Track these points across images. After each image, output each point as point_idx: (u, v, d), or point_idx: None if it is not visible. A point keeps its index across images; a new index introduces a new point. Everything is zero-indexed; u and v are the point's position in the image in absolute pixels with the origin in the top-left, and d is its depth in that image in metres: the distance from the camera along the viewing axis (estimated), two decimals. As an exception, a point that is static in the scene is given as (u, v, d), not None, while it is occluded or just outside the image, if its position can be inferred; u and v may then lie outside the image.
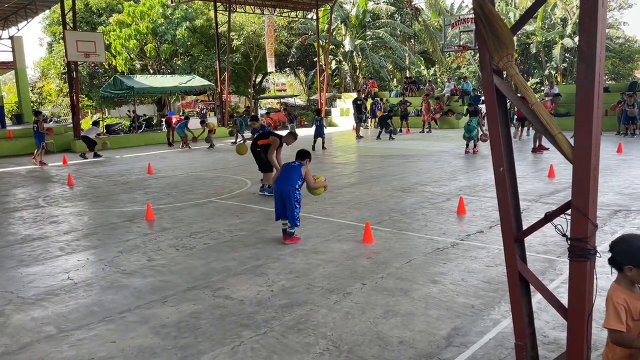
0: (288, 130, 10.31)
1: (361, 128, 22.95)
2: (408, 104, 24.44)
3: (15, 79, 28.63)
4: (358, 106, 23.24)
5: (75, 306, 4.82)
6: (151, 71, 34.93)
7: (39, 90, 42.21)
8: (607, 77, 42.17)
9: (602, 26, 2.11)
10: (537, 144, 14.33)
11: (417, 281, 5.10)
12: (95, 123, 20.54)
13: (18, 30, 27.62)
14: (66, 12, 20.85)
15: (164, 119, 24.66)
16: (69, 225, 8.13)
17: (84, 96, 34.05)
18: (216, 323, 4.32)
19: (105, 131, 23.35)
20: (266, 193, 9.72)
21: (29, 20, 26.50)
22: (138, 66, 34.68)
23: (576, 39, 36.74)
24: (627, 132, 18.29)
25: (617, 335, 2.43)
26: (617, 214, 7.35)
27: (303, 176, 6.61)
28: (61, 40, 26.72)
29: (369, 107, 26.43)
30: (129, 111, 30.58)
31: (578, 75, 2.17)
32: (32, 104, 32.77)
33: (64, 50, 21.96)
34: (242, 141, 19.25)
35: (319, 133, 17.43)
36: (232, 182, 11.64)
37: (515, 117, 18.36)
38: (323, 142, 17.77)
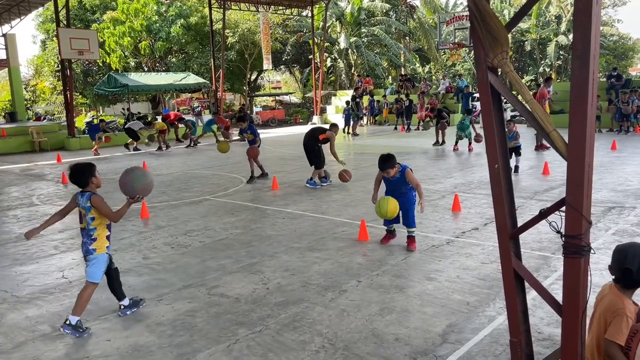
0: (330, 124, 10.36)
1: (358, 126, 22.93)
2: (404, 101, 24.41)
3: (8, 77, 28.46)
4: (357, 104, 23.24)
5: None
6: (145, 69, 34.81)
7: (32, 88, 42.00)
8: (601, 74, 42.36)
9: (597, 23, 2.12)
10: (540, 142, 14.39)
11: (413, 278, 5.11)
12: (140, 117, 21.60)
13: (11, 27, 27.46)
14: (59, 9, 20.74)
15: (159, 118, 24.57)
16: (63, 223, 8.08)
17: (78, 94, 33.91)
18: (212, 321, 4.32)
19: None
20: (308, 185, 10.27)
21: (22, 17, 26.34)
22: (132, 64, 34.57)
23: (570, 36, 36.89)
24: (620, 129, 18.37)
25: (616, 349, 2.49)
26: (611, 211, 7.39)
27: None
28: (55, 38, 26.59)
29: (366, 104, 26.42)
30: (123, 109, 30.47)
31: (572, 72, 2.17)
32: (25, 102, 32.61)
33: (57, 48, 21.86)
34: (192, 145, 19.59)
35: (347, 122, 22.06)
36: (228, 180, 11.62)
37: None
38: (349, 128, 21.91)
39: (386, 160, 5.85)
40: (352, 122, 22.14)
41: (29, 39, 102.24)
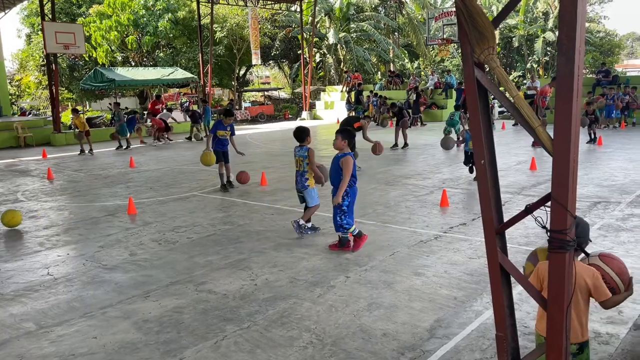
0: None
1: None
2: (384, 98, 24.39)
3: (-8, 71, 28.02)
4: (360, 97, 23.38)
5: (56, 302, 4.75)
6: (133, 63, 34.48)
7: (17, 83, 41.44)
8: (587, 70, 42.73)
9: (582, 20, 2.13)
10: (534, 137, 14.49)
11: (401, 273, 5.12)
12: (170, 109, 22.18)
13: (-5, 21, 27.04)
14: (45, 2, 20.43)
15: (146, 113, 24.39)
16: (49, 220, 8.00)
17: (64, 89, 33.51)
18: (199, 317, 4.30)
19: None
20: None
21: (6, 11, 25.95)
22: (119, 58, 34.21)
23: (557, 32, 37.15)
24: (608, 126, 18.59)
25: (612, 298, 2.71)
26: (596, 206, 7.47)
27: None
28: (40, 32, 26.22)
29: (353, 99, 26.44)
30: (110, 104, 30.15)
31: (558, 68, 2.18)
32: (10, 97, 32.15)
33: (42, 42, 21.55)
34: (125, 147, 17.69)
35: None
36: (216, 175, 11.55)
37: None
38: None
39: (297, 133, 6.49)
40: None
41: (14, 32, 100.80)
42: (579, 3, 2.08)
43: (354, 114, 22.22)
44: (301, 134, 6.43)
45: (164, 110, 21.90)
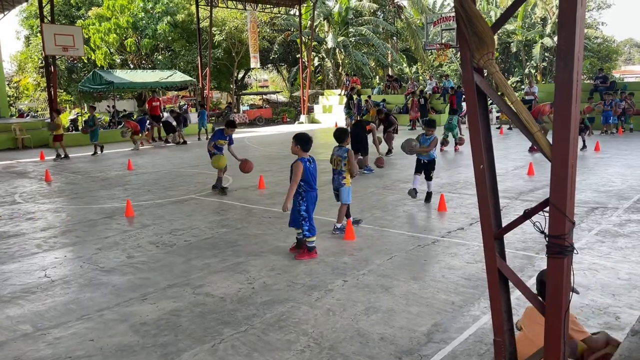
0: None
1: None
2: (416, 99, 24.12)
3: (-9, 73, 27.98)
4: (348, 103, 23.35)
5: (53, 304, 4.74)
6: (131, 66, 34.45)
7: (15, 85, 41.37)
8: (584, 76, 42.88)
9: (581, 25, 2.14)
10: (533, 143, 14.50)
11: (398, 278, 5.12)
12: (126, 115, 22.26)
13: (-6, 22, 27.03)
14: (44, 4, 20.43)
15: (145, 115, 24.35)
16: (47, 222, 7.98)
17: (62, 91, 33.49)
18: (196, 321, 4.29)
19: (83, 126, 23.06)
20: (365, 171, 11.32)
21: (5, 13, 25.94)
22: (118, 61, 34.23)
23: (556, 38, 37.24)
24: (606, 131, 18.66)
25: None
26: (594, 211, 7.48)
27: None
28: (39, 34, 26.21)
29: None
30: (108, 106, 30.12)
31: (556, 73, 2.19)
32: (8, 99, 32.09)
33: (41, 44, 21.55)
34: (93, 154, 16.92)
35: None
36: (214, 178, 11.55)
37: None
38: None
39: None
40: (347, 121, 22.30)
41: (13, 34, 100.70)
42: (578, 8, 2.09)
43: (349, 119, 22.29)
44: (341, 135, 6.76)
45: (164, 113, 21.91)
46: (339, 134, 6.80)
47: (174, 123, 20.62)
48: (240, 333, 4.05)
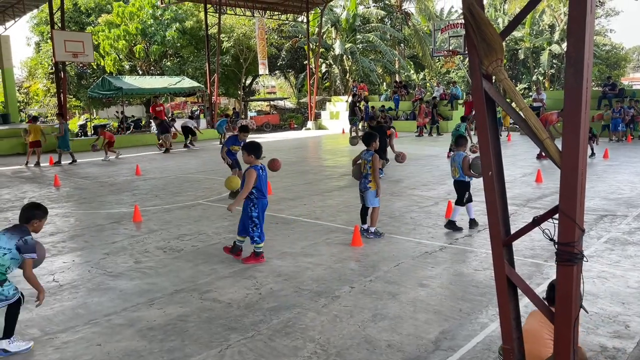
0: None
1: (353, 132, 22.93)
2: (429, 106, 24.04)
3: (1, 79, 28.26)
4: (353, 109, 23.29)
5: (61, 309, 4.76)
6: (140, 72, 34.69)
7: (25, 90, 41.77)
8: (593, 83, 42.69)
9: (590, 32, 2.14)
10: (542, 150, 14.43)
11: (406, 285, 5.10)
12: (135, 121, 22.84)
13: (5, 29, 27.34)
14: (54, 11, 20.66)
15: (152, 120, 24.49)
16: (55, 226, 8.03)
17: (72, 96, 33.73)
18: (203, 326, 4.29)
19: (93, 132, 23.27)
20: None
21: (16, 19, 26.23)
22: (127, 67, 34.45)
23: (564, 45, 37.13)
24: (615, 139, 18.54)
25: None
26: (603, 219, 7.43)
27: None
28: (49, 40, 26.49)
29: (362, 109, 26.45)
30: (117, 112, 30.32)
31: (566, 80, 2.18)
32: (18, 104, 32.42)
33: (51, 50, 21.76)
34: (59, 162, 16.60)
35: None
36: (221, 184, 11.58)
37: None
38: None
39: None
40: (351, 127, 22.19)
41: (23, 40, 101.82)
42: (587, 15, 2.09)
43: (353, 126, 22.21)
44: (369, 138, 6.92)
45: (128, 122, 21.96)
46: (367, 137, 6.98)
47: (191, 126, 21.38)
48: (247, 339, 4.04)
